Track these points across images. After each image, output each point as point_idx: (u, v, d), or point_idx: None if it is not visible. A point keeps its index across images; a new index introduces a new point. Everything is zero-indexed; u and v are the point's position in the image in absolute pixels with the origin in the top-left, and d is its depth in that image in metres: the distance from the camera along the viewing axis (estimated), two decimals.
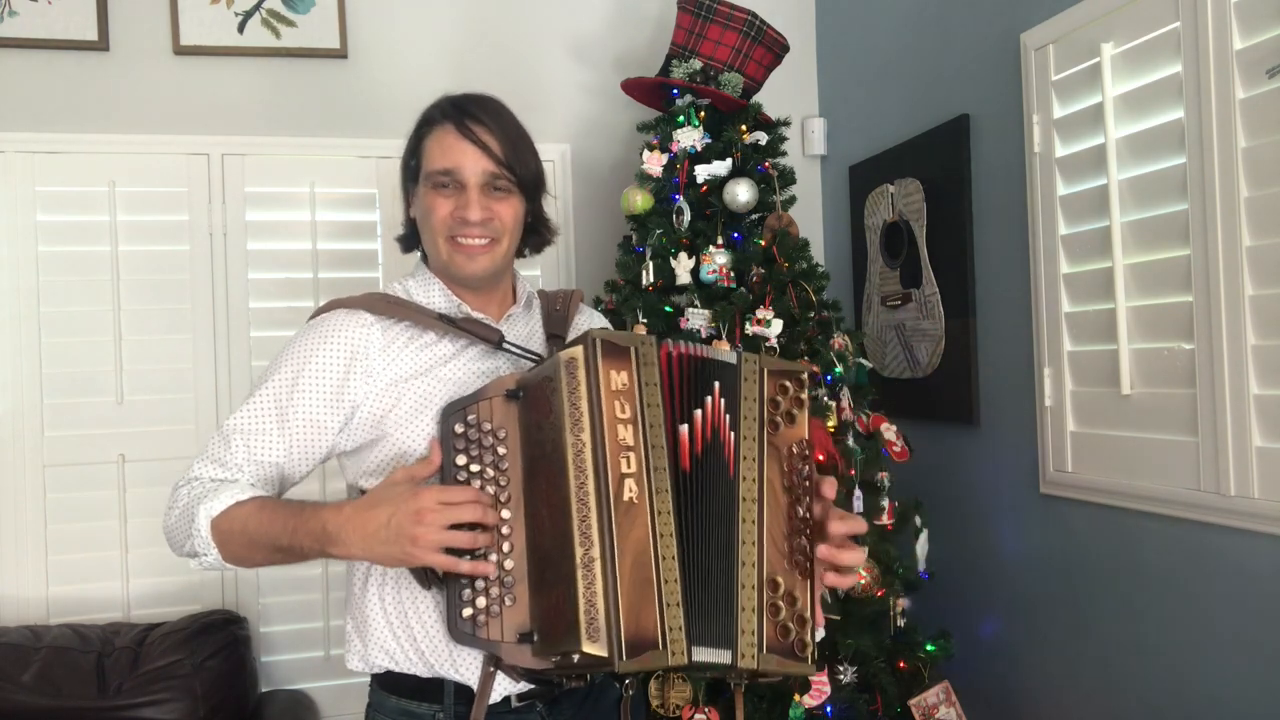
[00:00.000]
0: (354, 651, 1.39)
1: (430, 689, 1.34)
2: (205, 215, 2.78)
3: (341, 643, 1.42)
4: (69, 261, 2.70)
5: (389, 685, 1.38)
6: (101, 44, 2.74)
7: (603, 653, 1.10)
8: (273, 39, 2.84)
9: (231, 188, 2.80)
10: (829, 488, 1.27)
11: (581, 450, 1.16)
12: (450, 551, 1.19)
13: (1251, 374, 1.75)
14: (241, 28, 2.83)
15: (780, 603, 1.19)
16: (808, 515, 1.25)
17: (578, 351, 1.20)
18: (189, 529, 1.29)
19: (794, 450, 1.25)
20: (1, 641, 2.44)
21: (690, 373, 1.24)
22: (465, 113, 1.38)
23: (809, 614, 1.21)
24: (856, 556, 1.25)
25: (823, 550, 1.23)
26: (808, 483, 1.25)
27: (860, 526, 1.27)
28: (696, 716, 2.17)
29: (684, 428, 1.22)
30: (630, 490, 1.15)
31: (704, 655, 1.16)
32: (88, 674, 2.42)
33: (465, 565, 1.19)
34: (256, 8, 2.83)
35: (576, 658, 1.12)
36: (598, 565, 1.12)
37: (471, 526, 1.20)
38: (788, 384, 1.28)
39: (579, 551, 1.13)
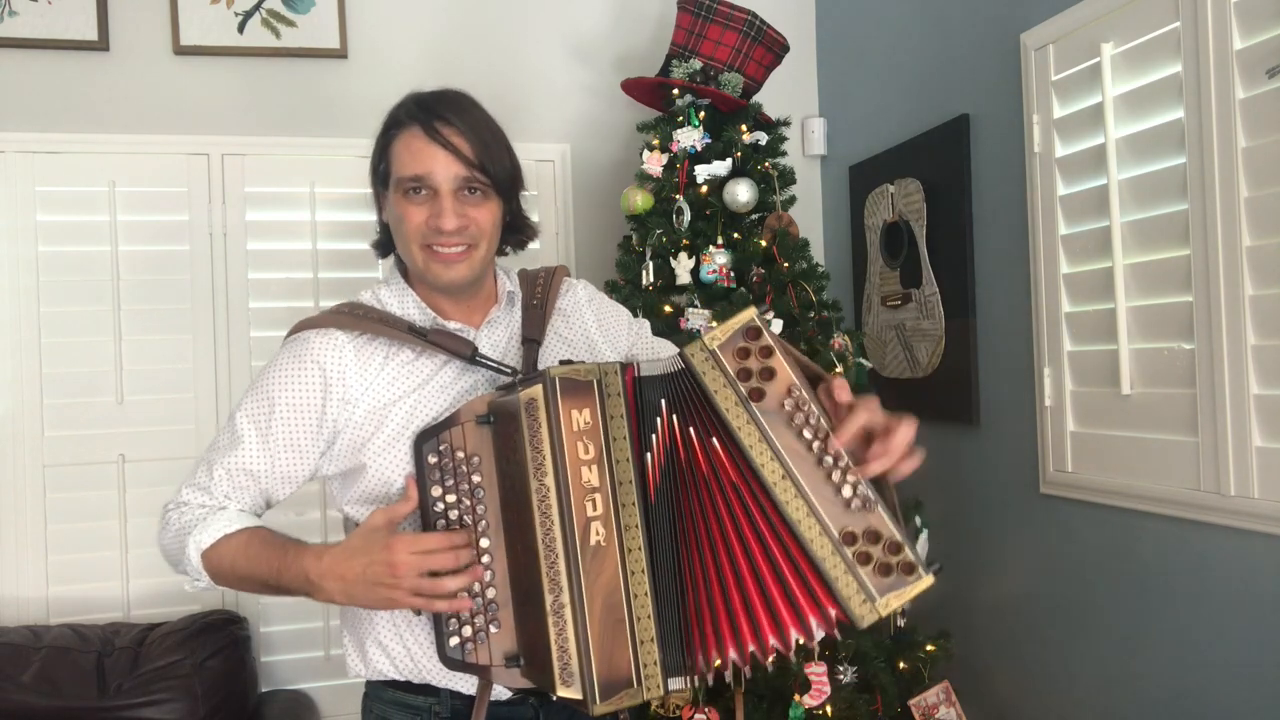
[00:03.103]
0: (352, 666, 1.40)
1: (428, 686, 1.35)
2: (205, 215, 2.78)
3: (341, 643, 1.43)
4: (69, 261, 2.69)
5: (386, 680, 1.39)
6: (101, 44, 2.74)
7: (577, 695, 1.14)
8: (273, 39, 2.84)
9: (231, 188, 2.80)
10: (841, 391, 1.18)
11: (546, 496, 1.16)
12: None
13: (1251, 374, 1.75)
14: (241, 28, 2.82)
15: (867, 548, 1.15)
16: (838, 450, 1.16)
17: (537, 392, 1.17)
18: (181, 555, 1.31)
19: (790, 404, 1.17)
20: (1, 641, 2.44)
21: (639, 399, 1.20)
22: (433, 114, 1.31)
23: (899, 535, 1.15)
24: (903, 437, 1.18)
25: (876, 449, 1.16)
26: (823, 419, 1.17)
27: (864, 415, 1.17)
28: (696, 716, 2.17)
29: (648, 456, 1.20)
30: (597, 534, 1.16)
31: (680, 684, 1.18)
32: (88, 674, 2.42)
33: (442, 605, 1.20)
34: (256, 8, 2.83)
35: (554, 698, 1.15)
36: (568, 611, 1.14)
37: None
38: (745, 345, 1.18)
39: (549, 599, 1.15)
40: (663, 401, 1.20)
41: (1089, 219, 2.12)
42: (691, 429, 1.19)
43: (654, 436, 1.20)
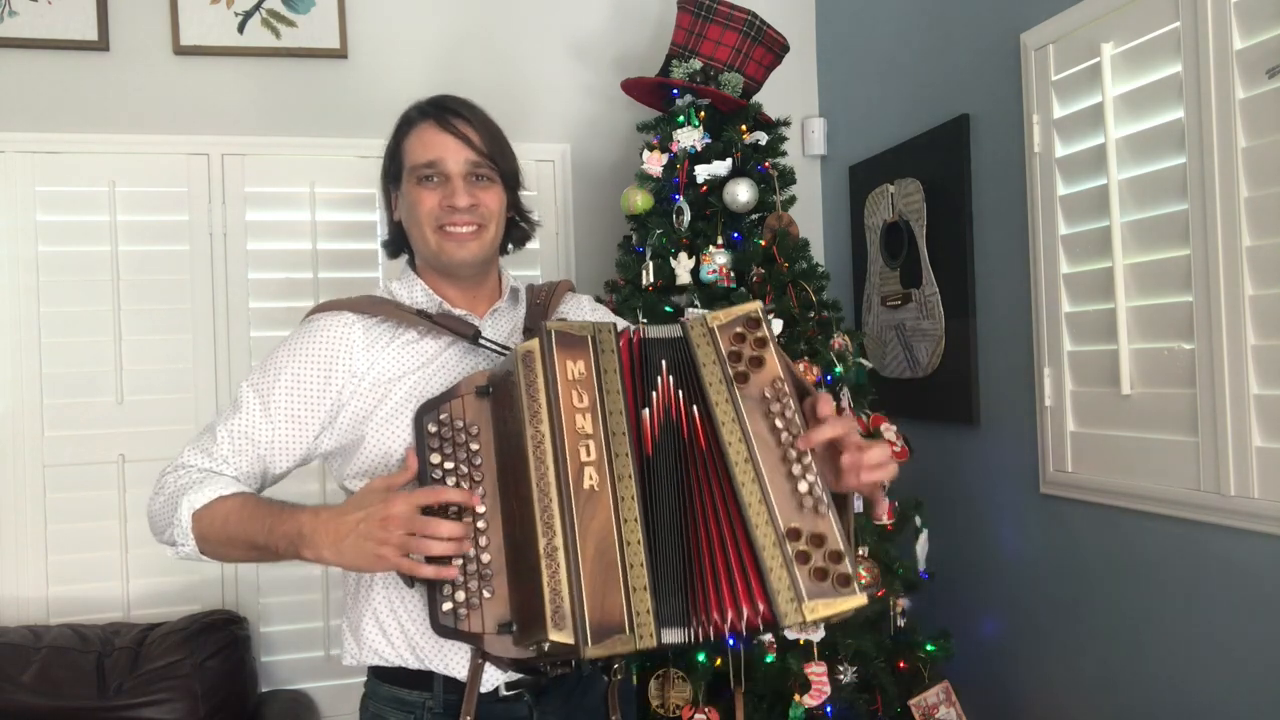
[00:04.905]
0: (348, 651, 1.42)
1: (421, 679, 1.36)
2: (205, 215, 2.78)
3: (341, 643, 1.44)
4: (69, 261, 2.69)
5: (382, 675, 1.41)
6: (101, 44, 2.74)
7: (569, 639, 1.12)
8: (273, 39, 2.84)
9: (231, 188, 2.80)
10: (824, 406, 1.23)
11: (541, 441, 1.18)
12: (431, 560, 1.21)
13: (1251, 374, 1.75)
14: (241, 28, 2.82)
15: (807, 548, 1.17)
16: (807, 450, 1.20)
17: (534, 344, 1.23)
18: (171, 517, 1.32)
19: (770, 393, 1.23)
20: (1, 641, 2.44)
21: (642, 357, 1.26)
22: (444, 109, 1.43)
23: (842, 547, 1.17)
24: (878, 453, 1.21)
25: (846, 460, 1.21)
26: (798, 417, 1.22)
27: (839, 427, 1.21)
28: (696, 716, 2.17)
29: (645, 412, 1.23)
30: (591, 478, 1.18)
31: (675, 637, 1.17)
32: (88, 674, 2.41)
33: (428, 570, 1.20)
34: (256, 8, 2.83)
35: (546, 645, 1.14)
36: (560, 554, 1.14)
37: (445, 510, 1.22)
38: (742, 331, 1.26)
39: (542, 541, 1.15)
40: (663, 362, 1.26)
41: (1089, 219, 2.12)
42: (680, 392, 1.25)
43: (654, 394, 1.24)
